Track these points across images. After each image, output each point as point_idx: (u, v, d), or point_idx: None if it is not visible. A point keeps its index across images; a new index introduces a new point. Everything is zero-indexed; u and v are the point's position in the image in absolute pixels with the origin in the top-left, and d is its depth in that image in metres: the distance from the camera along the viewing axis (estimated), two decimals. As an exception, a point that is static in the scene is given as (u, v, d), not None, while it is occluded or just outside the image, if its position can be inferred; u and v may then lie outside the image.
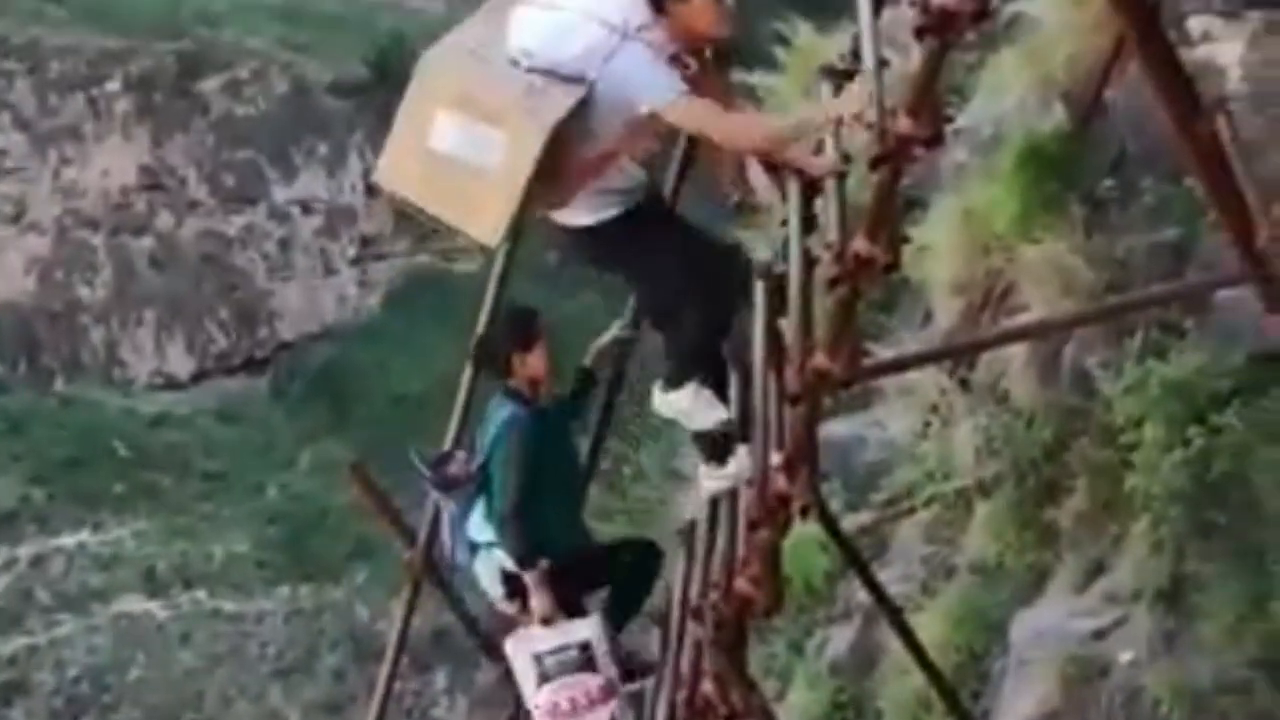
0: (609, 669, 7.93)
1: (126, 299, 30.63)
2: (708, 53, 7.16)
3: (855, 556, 8.03)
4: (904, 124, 5.79)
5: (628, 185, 7.14)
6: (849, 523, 8.90)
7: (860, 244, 6.13)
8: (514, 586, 8.02)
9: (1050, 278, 8.48)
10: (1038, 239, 8.62)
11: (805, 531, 8.00)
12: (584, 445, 8.94)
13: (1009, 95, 9.31)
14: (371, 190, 32.78)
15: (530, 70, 6.84)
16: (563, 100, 6.82)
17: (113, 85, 30.56)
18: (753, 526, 6.80)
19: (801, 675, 9.72)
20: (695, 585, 7.41)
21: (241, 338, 31.44)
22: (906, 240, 6.57)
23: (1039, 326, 8.40)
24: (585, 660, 7.86)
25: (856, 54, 6.92)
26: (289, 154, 31.91)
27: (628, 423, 13.11)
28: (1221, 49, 8.11)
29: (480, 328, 8.61)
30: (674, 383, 7.38)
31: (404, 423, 28.85)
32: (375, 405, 30.38)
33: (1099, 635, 8.08)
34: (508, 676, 8.90)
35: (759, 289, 7.45)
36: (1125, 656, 7.93)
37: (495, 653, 9.16)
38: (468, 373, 8.63)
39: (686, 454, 11.26)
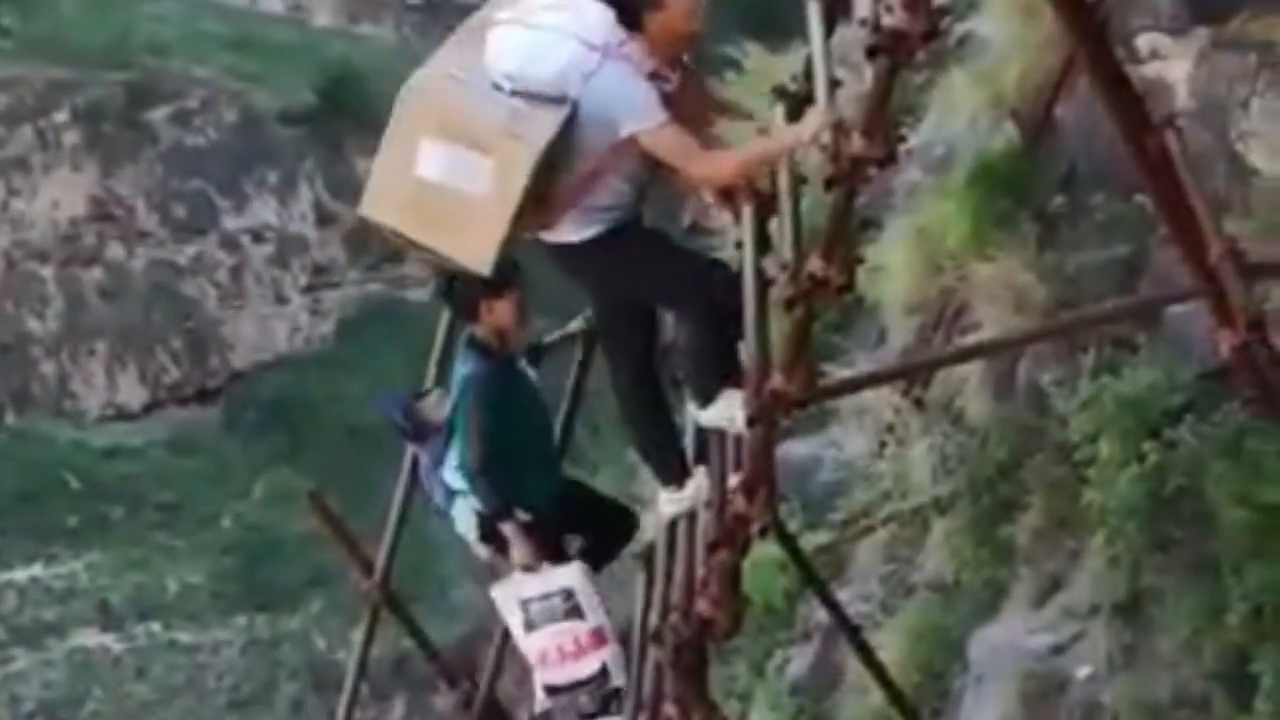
0: (597, 615, 7.78)
1: (77, 330, 30.46)
2: (686, 58, 7.15)
3: (814, 576, 8.04)
4: (857, 144, 5.82)
5: (615, 202, 7.11)
6: (807, 543, 8.91)
7: (815, 264, 6.16)
8: (489, 531, 7.89)
9: (1003, 295, 8.52)
10: (990, 257, 8.67)
11: (764, 553, 8.01)
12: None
13: (960, 114, 9.37)
14: (323, 219, 32.74)
15: (513, 94, 6.84)
16: (548, 123, 6.81)
17: (61, 116, 30.43)
18: (712, 548, 6.81)
19: (762, 696, 9.73)
20: (655, 608, 7.41)
21: (194, 368, 31.30)
22: (861, 260, 6.60)
23: (993, 344, 8.44)
24: (571, 608, 7.72)
25: (809, 75, 6.96)
26: (239, 183, 31.82)
27: (585, 449, 13.11)
28: (1170, 66, 8.17)
29: None
30: (707, 397, 7.31)
31: (358, 451, 28.77)
32: (329, 434, 30.29)
33: (1057, 651, 8.11)
34: (465, 705, 8.88)
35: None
36: (1083, 672, 7.96)
37: (453, 680, 9.14)
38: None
39: (645, 479, 11.27)
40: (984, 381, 8.85)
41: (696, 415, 7.47)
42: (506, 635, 8.63)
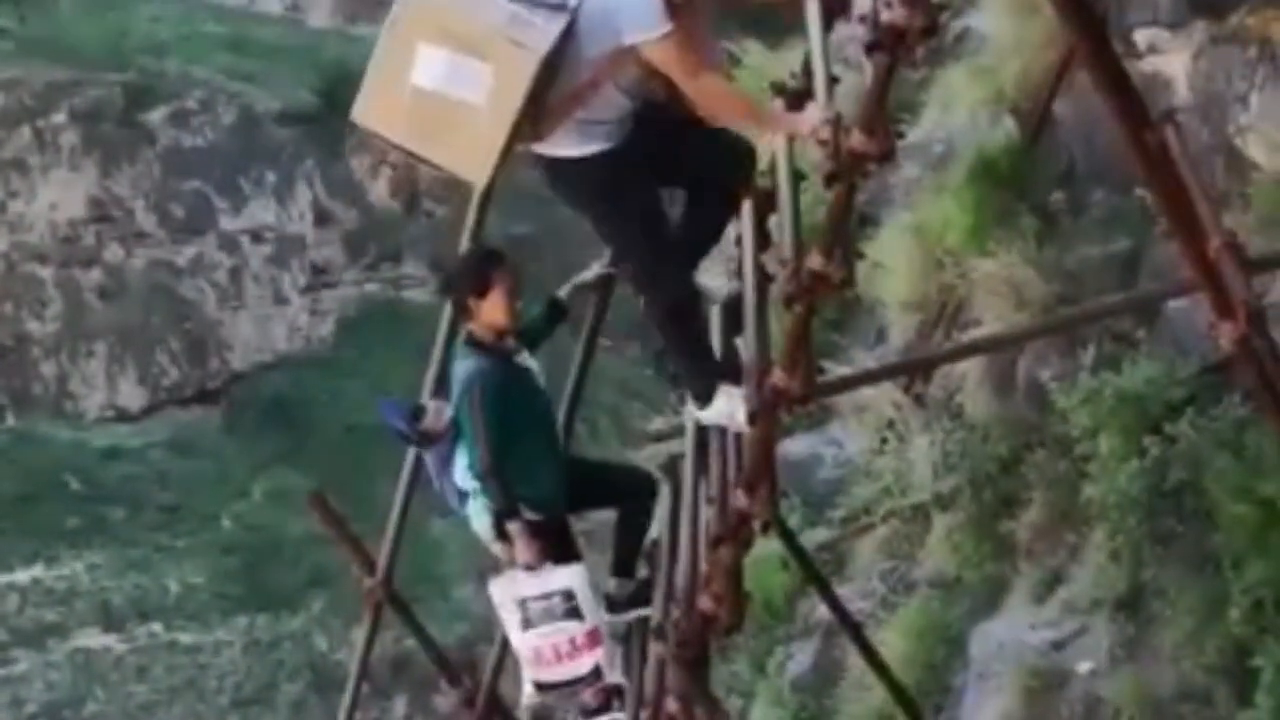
0: (595, 615, 7.74)
1: (76, 332, 30.46)
2: None
3: (815, 573, 8.05)
4: (857, 140, 5.82)
5: (614, 116, 6.95)
6: (808, 540, 8.91)
7: (815, 261, 6.15)
8: (503, 531, 7.80)
9: (1003, 291, 8.53)
10: (990, 253, 8.68)
11: (765, 550, 8.02)
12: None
13: (959, 110, 9.37)
14: (321, 219, 32.74)
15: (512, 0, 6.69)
16: (548, 29, 6.66)
17: (59, 117, 30.44)
18: (714, 544, 6.81)
19: (764, 692, 9.73)
20: (658, 604, 7.41)
21: (193, 368, 31.30)
22: (860, 256, 6.59)
23: (992, 340, 8.44)
24: (570, 609, 7.68)
25: (807, 71, 6.96)
26: (237, 184, 31.81)
27: (585, 448, 13.11)
28: (1169, 61, 8.17)
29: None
30: (704, 399, 7.25)
31: (358, 452, 28.76)
32: (329, 434, 30.29)
33: (1058, 646, 8.12)
34: (467, 704, 8.89)
35: (714, 311, 7.48)
36: (1085, 666, 7.97)
37: (455, 678, 9.14)
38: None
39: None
40: (984, 378, 8.86)
41: (697, 415, 7.46)
42: (507, 636, 8.62)
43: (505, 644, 8.46)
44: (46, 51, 30.61)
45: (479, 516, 7.89)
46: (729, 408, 7.14)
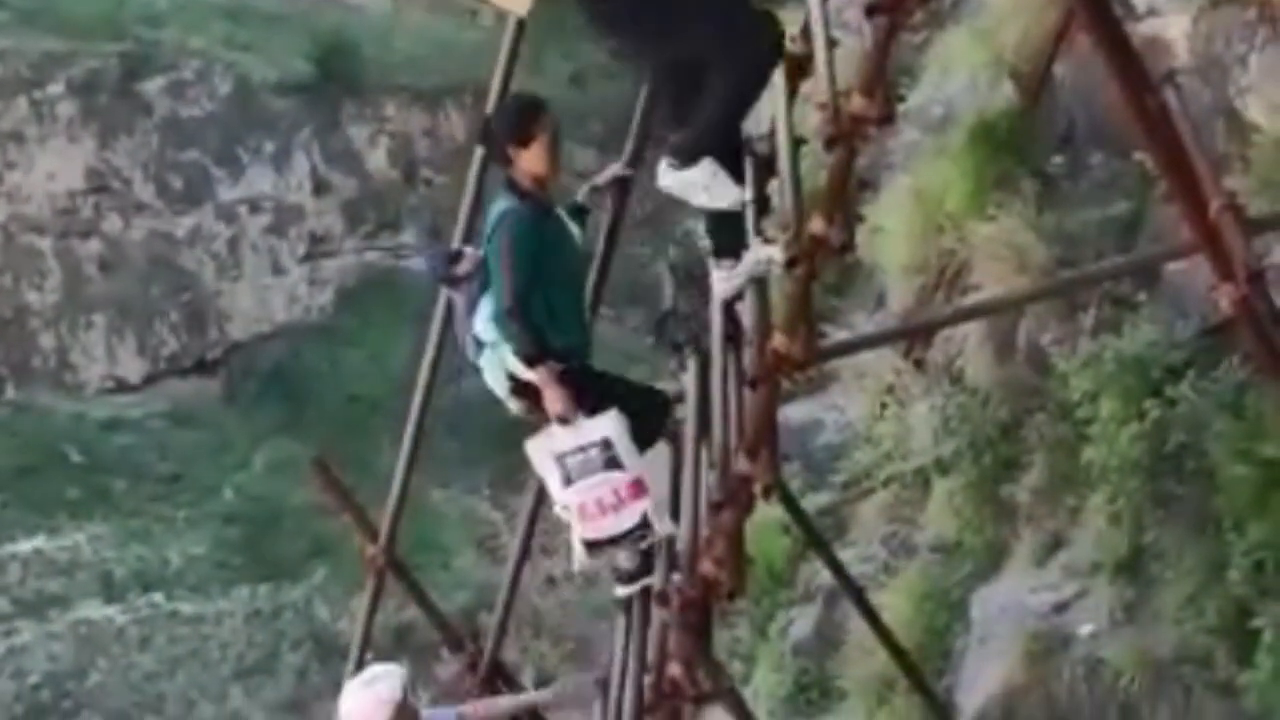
0: (636, 465, 7.49)
1: (75, 303, 30.47)
2: None
3: (817, 538, 8.06)
4: (856, 103, 5.82)
5: None
6: (809, 504, 8.92)
7: (815, 225, 6.15)
8: (519, 384, 7.64)
9: (1003, 255, 8.52)
10: (990, 217, 8.67)
11: (766, 515, 8.03)
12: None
13: (959, 74, 9.36)
14: (319, 188, 32.71)
15: None
16: None
17: (56, 88, 30.40)
18: (716, 508, 6.82)
19: (765, 657, 9.75)
20: (660, 569, 7.42)
21: (192, 339, 31.32)
22: (860, 220, 6.59)
23: (993, 304, 8.44)
24: (609, 459, 7.46)
25: (806, 35, 6.95)
26: (235, 153, 31.78)
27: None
28: (1168, 23, 8.16)
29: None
30: (689, 156, 7.06)
31: (358, 421, 28.78)
32: (329, 404, 30.30)
33: (1059, 609, 8.14)
34: (470, 668, 8.90)
35: (715, 274, 7.46)
36: (1086, 629, 7.99)
37: (457, 644, 9.15)
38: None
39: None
40: (984, 342, 8.86)
41: (662, 174, 7.15)
42: (509, 602, 8.60)
43: (507, 609, 8.45)
44: (43, 22, 30.56)
45: (494, 369, 7.66)
46: (765, 253, 6.99)
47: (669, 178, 7.18)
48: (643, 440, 7.71)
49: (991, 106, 8.94)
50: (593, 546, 7.63)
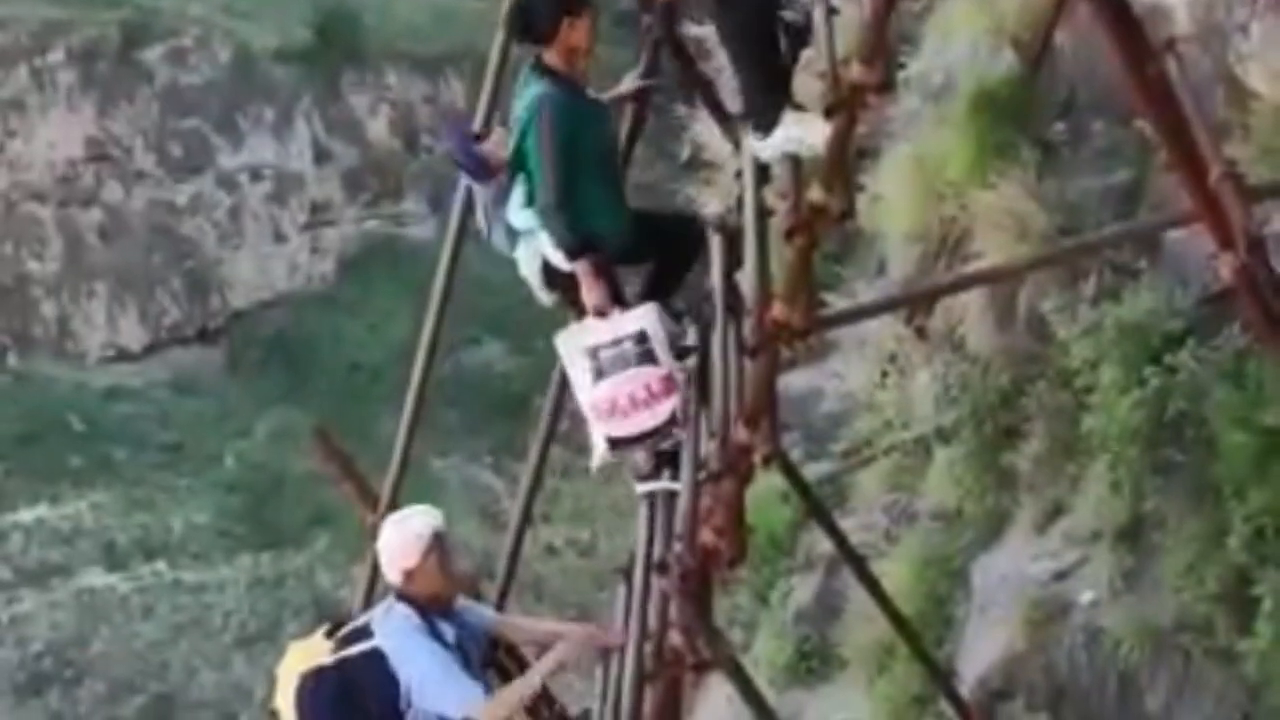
0: (669, 360, 7.35)
1: (77, 271, 30.49)
2: None
3: (817, 506, 8.07)
4: (856, 71, 5.81)
5: None
6: (809, 473, 8.92)
7: (815, 193, 6.15)
8: (553, 276, 7.51)
9: (1004, 223, 8.51)
10: (991, 185, 8.65)
11: (767, 483, 8.03)
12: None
13: (960, 42, 9.33)
14: (320, 156, 32.68)
15: None
16: None
17: (55, 56, 30.37)
18: (716, 478, 6.83)
19: (766, 625, 9.77)
20: (659, 538, 7.43)
21: (194, 307, 31.35)
22: (861, 188, 6.59)
23: (994, 272, 8.43)
24: (644, 352, 7.31)
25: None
26: (235, 121, 31.77)
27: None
28: (1169, -10, 8.14)
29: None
30: (765, 124, 7.08)
31: (360, 389, 28.80)
32: (331, 372, 30.35)
33: (1060, 577, 8.15)
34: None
35: (714, 242, 7.45)
36: (1086, 597, 8.00)
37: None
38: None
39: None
40: (985, 309, 8.85)
41: (757, 149, 7.24)
42: (510, 569, 8.58)
43: (509, 576, 8.45)
44: (42, -10, 30.52)
45: (529, 259, 7.53)
46: (799, 131, 6.99)
47: (765, 150, 7.22)
48: (679, 263, 7.61)
49: (992, 74, 8.92)
50: (617, 444, 7.47)
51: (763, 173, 7.28)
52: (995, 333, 8.83)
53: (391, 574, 7.11)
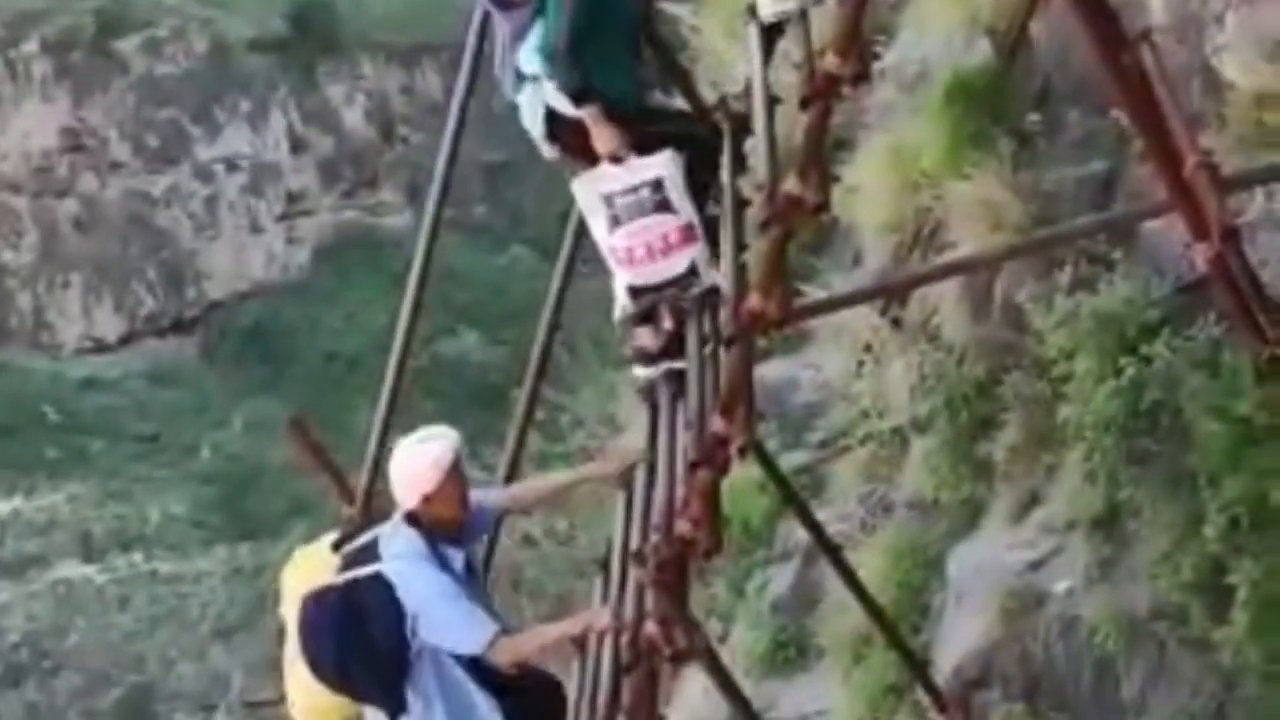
0: (687, 209, 7.21)
1: (52, 262, 30.40)
2: None
3: (793, 496, 8.08)
4: (831, 62, 5.81)
5: None
6: (786, 463, 8.93)
7: (791, 184, 6.15)
8: (556, 128, 7.36)
9: (979, 213, 8.52)
10: (966, 175, 8.66)
11: (743, 474, 8.04)
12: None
13: (935, 32, 9.33)
14: (296, 146, 32.61)
15: None
16: None
17: (30, 46, 30.26)
18: (692, 468, 6.83)
19: (743, 615, 9.78)
20: (636, 528, 7.44)
21: (170, 298, 31.27)
22: (836, 179, 6.59)
23: (969, 262, 8.44)
24: (659, 201, 7.17)
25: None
26: (211, 112, 31.68)
27: (564, 371, 13.13)
28: (1144, -20, 8.14)
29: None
30: None
31: (337, 379, 28.74)
32: (307, 362, 30.29)
33: (1035, 566, 8.17)
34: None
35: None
36: (1062, 586, 8.02)
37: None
38: None
39: (624, 397, 11.30)
40: (961, 300, 8.86)
41: (761, 12, 7.13)
42: (488, 559, 8.58)
43: (486, 566, 8.44)
44: (16, -21, 30.42)
45: (532, 106, 7.36)
46: None
47: (763, 9, 7.13)
48: (704, 168, 7.41)
49: (968, 64, 8.93)
50: (637, 293, 7.35)
51: (739, 163, 7.28)
52: (970, 323, 8.84)
53: (407, 498, 6.92)
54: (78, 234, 30.59)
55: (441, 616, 6.82)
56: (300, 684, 7.13)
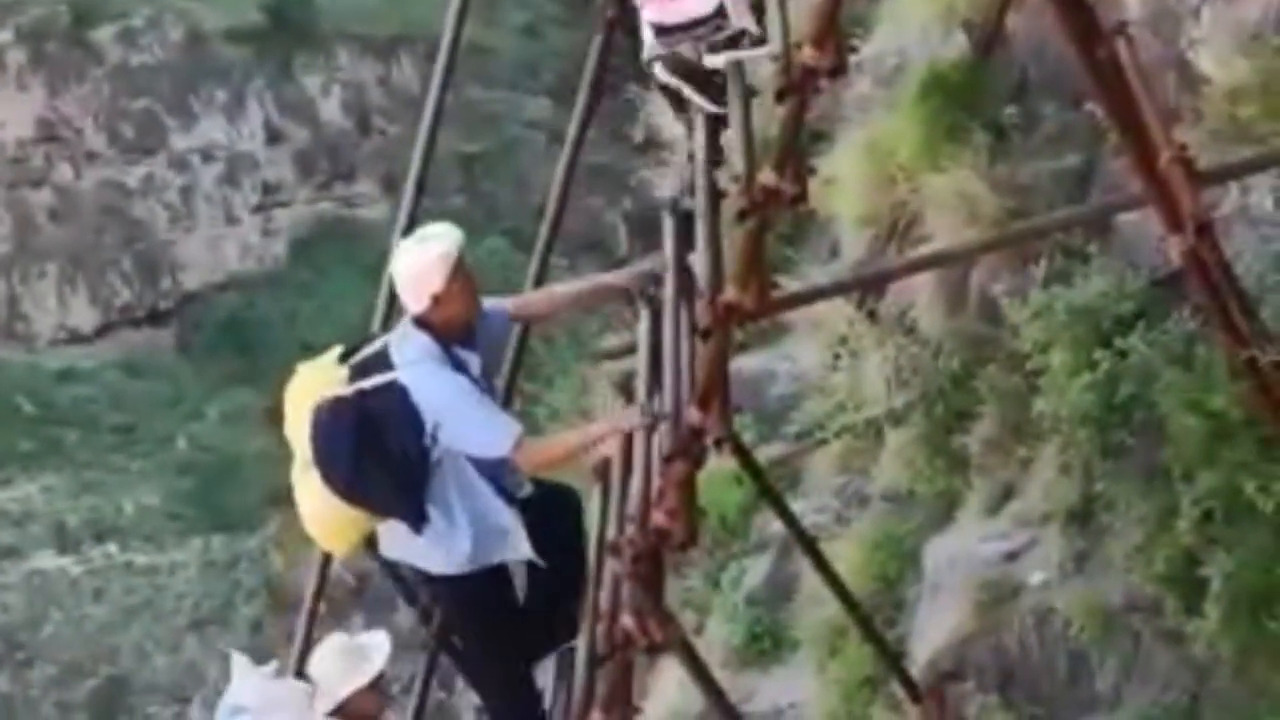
0: None
1: (27, 253, 30.31)
2: None
3: (769, 488, 8.08)
4: (808, 55, 5.82)
5: None
6: (762, 455, 8.93)
7: (767, 176, 6.16)
8: None
9: (955, 206, 8.53)
10: (942, 168, 8.67)
11: (719, 466, 8.04)
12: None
13: (911, 25, 9.34)
14: (272, 137, 32.55)
15: None
16: None
17: (4, 36, 30.17)
18: (668, 460, 6.83)
19: (719, 607, 9.79)
20: (612, 521, 7.43)
21: (145, 289, 31.21)
22: (813, 171, 6.60)
23: (945, 255, 8.45)
24: None
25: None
26: (187, 102, 31.61)
27: (540, 363, 13.12)
28: (1119, -27, 8.16)
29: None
30: None
31: (313, 370, 28.52)
32: (283, 354, 30.18)
33: (1010, 558, 8.19)
34: (424, 620, 8.89)
35: (667, 224, 7.45)
36: (1036, 578, 8.04)
37: (413, 597, 9.14)
38: None
39: (598, 391, 11.29)
40: (936, 293, 8.88)
41: None
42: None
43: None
44: (-9, -32, 30.34)
45: None
46: None
47: None
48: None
49: (944, 58, 8.94)
50: (663, 31, 7.14)
51: (716, 155, 7.28)
52: (946, 316, 8.86)
53: (415, 302, 6.70)
54: (53, 224, 30.51)
55: (464, 419, 6.57)
56: (312, 492, 6.93)
